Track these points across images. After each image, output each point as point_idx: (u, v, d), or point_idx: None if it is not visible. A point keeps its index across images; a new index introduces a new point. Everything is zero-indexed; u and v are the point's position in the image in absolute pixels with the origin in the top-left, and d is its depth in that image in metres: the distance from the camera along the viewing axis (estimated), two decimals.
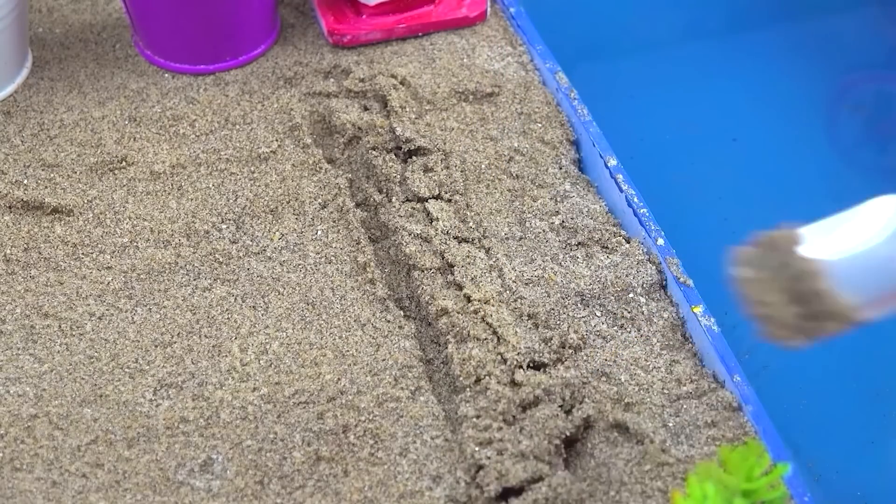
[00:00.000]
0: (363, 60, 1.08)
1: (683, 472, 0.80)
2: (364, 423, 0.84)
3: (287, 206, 0.97)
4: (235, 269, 0.93)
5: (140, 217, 0.96)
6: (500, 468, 0.80)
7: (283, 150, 1.01)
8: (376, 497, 0.80)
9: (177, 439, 0.83)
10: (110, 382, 0.86)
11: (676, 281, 0.90)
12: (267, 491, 0.80)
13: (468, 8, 1.11)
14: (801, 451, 0.88)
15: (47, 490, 0.81)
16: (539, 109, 1.04)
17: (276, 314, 0.90)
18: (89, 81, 1.07)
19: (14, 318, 0.90)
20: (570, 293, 0.90)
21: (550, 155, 1.01)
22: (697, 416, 0.84)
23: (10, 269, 0.93)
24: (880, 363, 0.96)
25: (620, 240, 0.94)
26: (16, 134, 1.02)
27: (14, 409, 0.85)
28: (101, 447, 0.83)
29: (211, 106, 1.05)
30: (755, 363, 0.95)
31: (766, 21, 1.23)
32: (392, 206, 0.97)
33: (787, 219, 1.07)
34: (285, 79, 1.07)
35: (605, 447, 0.83)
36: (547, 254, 0.94)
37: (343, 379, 0.86)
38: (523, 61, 1.08)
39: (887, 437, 0.91)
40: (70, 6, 1.13)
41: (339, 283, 0.92)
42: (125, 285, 0.92)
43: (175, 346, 0.88)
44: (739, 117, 1.14)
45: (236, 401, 0.85)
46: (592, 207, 0.97)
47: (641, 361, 0.87)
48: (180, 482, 0.81)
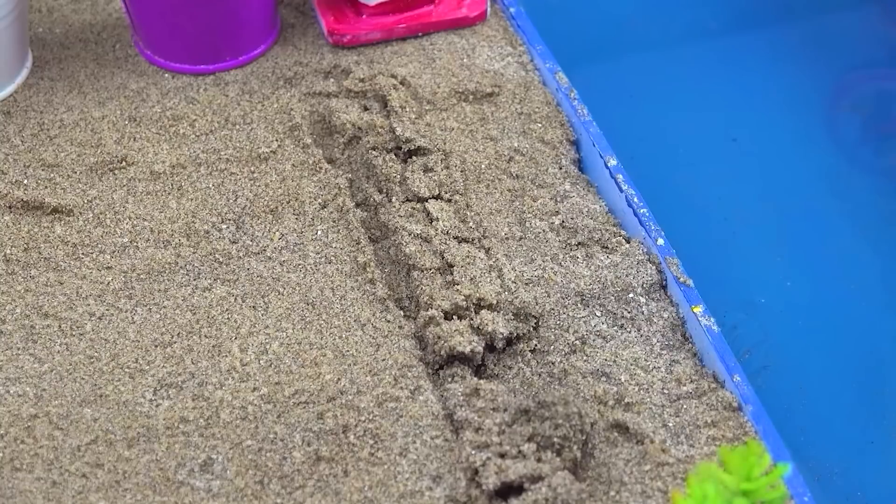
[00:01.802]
0: (363, 60, 1.08)
1: (683, 472, 0.80)
2: (364, 423, 0.84)
3: (287, 206, 0.97)
4: (235, 269, 0.93)
5: (140, 217, 0.96)
6: (500, 465, 0.80)
7: (283, 150, 1.01)
8: (376, 497, 0.80)
9: (177, 439, 0.83)
10: (110, 382, 0.86)
11: (676, 281, 0.90)
12: (267, 491, 0.80)
13: (468, 8, 1.11)
14: (801, 451, 0.88)
15: (47, 490, 0.81)
16: (539, 109, 1.04)
17: (276, 314, 0.90)
18: (89, 81, 1.07)
19: (14, 318, 0.90)
20: (570, 293, 0.90)
21: (550, 155, 1.01)
22: (697, 416, 0.84)
23: (10, 269, 0.93)
24: (880, 363, 0.96)
25: (620, 240, 0.94)
26: (16, 134, 1.02)
27: (14, 409, 0.85)
28: (101, 447, 0.83)
29: (211, 106, 1.05)
30: (755, 363, 0.95)
31: (766, 21, 1.23)
32: (392, 206, 0.97)
33: (787, 218, 1.07)
34: (285, 79, 1.07)
35: (605, 447, 0.83)
36: (547, 254, 0.94)
37: (343, 379, 0.86)
38: (523, 61, 1.08)
39: (887, 437, 0.91)
40: (70, 6, 1.13)
41: (339, 283, 0.92)
42: (125, 285, 0.92)
43: (175, 346, 0.88)
44: (739, 117, 1.14)
45: (236, 401, 0.85)
46: (592, 207, 0.97)
47: (641, 361, 0.87)
48: (180, 482, 0.81)
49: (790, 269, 1.02)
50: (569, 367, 0.86)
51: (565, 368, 0.86)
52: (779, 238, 1.04)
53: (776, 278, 1.01)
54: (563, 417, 0.81)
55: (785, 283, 1.01)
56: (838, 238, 1.04)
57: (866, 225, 1.06)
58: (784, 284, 1.01)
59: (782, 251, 1.03)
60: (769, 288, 1.00)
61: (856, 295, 1.00)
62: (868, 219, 1.06)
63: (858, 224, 1.06)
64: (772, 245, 1.03)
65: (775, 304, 0.99)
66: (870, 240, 1.05)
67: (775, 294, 1.00)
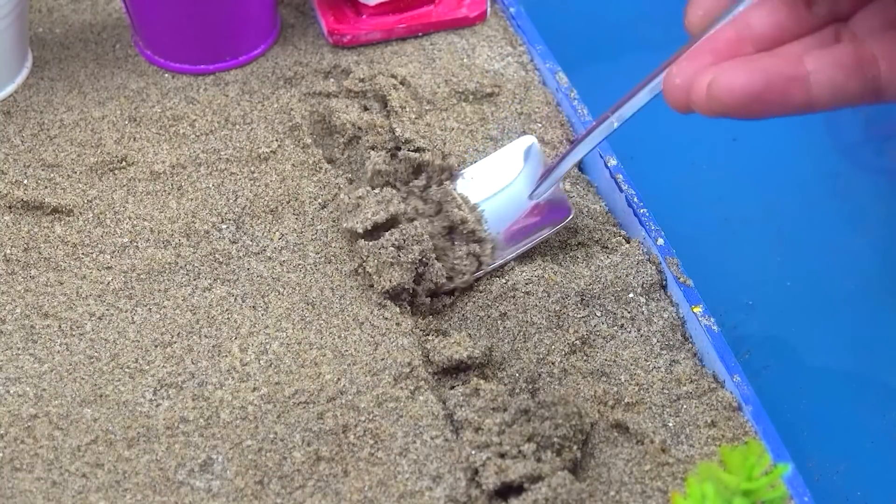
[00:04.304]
0: (363, 60, 1.08)
1: (683, 472, 0.81)
2: (364, 423, 0.84)
3: (287, 206, 0.97)
4: (235, 269, 0.93)
5: (140, 217, 0.96)
6: (500, 464, 0.80)
7: (283, 150, 1.01)
8: (376, 497, 0.80)
9: (177, 439, 0.83)
10: (110, 382, 0.86)
11: (676, 281, 0.90)
12: (267, 491, 0.80)
13: (468, 8, 1.11)
14: (801, 451, 0.88)
15: (47, 490, 0.81)
16: (539, 109, 1.04)
17: (276, 314, 0.90)
18: (89, 81, 1.07)
19: (14, 318, 0.90)
20: (570, 293, 0.90)
21: (550, 155, 1.01)
22: (697, 416, 0.84)
23: (10, 269, 0.93)
24: (881, 363, 0.96)
25: (620, 240, 0.94)
26: (16, 134, 1.02)
27: (14, 409, 0.85)
28: (101, 447, 0.83)
29: (211, 106, 1.05)
30: (755, 363, 0.95)
31: None
32: None
33: (787, 218, 1.07)
34: (285, 79, 1.07)
35: (605, 447, 0.83)
36: (547, 254, 0.94)
37: (343, 379, 0.86)
38: (523, 61, 1.08)
39: (887, 437, 0.91)
40: (70, 6, 1.13)
41: (339, 283, 0.92)
42: (125, 285, 0.92)
43: (175, 346, 0.88)
44: None
45: (236, 401, 0.85)
46: (592, 207, 0.97)
47: (641, 361, 0.87)
48: (180, 482, 0.81)
49: (790, 269, 1.02)
50: (569, 367, 0.86)
51: (565, 368, 0.86)
52: (779, 238, 1.04)
53: (776, 278, 1.01)
54: (563, 417, 0.81)
55: (785, 283, 1.01)
56: (838, 238, 1.04)
57: (866, 225, 1.06)
58: (784, 284, 1.01)
59: (782, 251, 1.03)
60: (769, 288, 1.00)
61: (856, 295, 1.00)
62: (868, 219, 1.06)
63: (858, 224, 1.06)
64: (772, 245, 1.03)
65: (775, 304, 0.99)
66: (870, 240, 1.05)
67: (775, 294, 1.00)
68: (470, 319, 0.91)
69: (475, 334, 0.89)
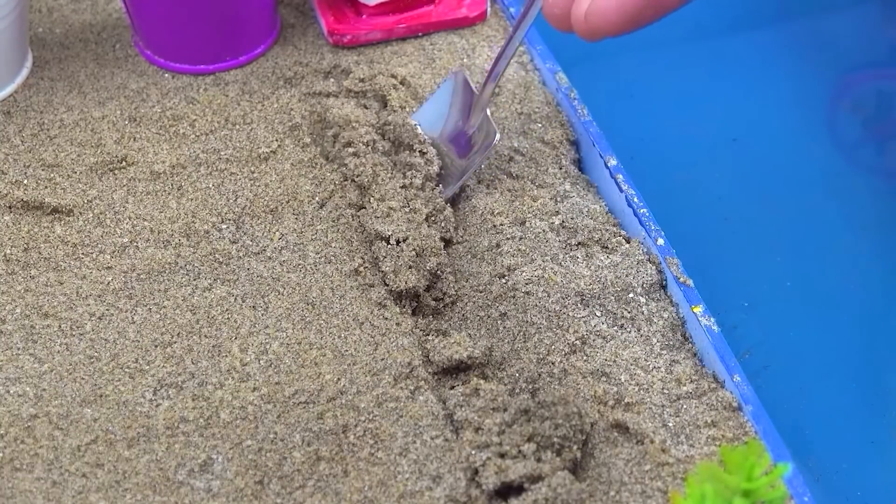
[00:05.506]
0: (363, 60, 1.08)
1: (683, 472, 0.80)
2: (364, 423, 0.84)
3: (287, 206, 0.97)
4: (235, 269, 0.93)
5: (140, 217, 0.96)
6: (500, 465, 0.80)
7: (283, 150, 1.01)
8: (376, 497, 0.80)
9: (177, 439, 0.83)
10: (110, 382, 0.86)
11: (676, 281, 0.90)
12: (267, 491, 0.80)
13: (468, 8, 1.11)
14: (801, 451, 0.88)
15: (47, 490, 0.81)
16: (539, 109, 1.04)
17: (276, 314, 0.90)
18: (89, 81, 1.07)
19: (14, 318, 0.90)
20: (570, 293, 0.90)
21: (550, 155, 1.01)
22: (697, 416, 0.84)
23: (10, 269, 0.93)
24: (881, 362, 0.96)
25: (620, 240, 0.94)
26: (16, 134, 1.02)
27: (14, 409, 0.85)
28: (101, 447, 0.83)
29: (211, 106, 1.05)
30: (755, 363, 0.95)
31: (766, 21, 1.23)
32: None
33: (787, 218, 1.07)
34: (285, 79, 1.07)
35: (605, 447, 0.83)
36: (547, 254, 0.94)
37: (343, 379, 0.86)
38: (523, 61, 1.08)
39: (887, 437, 0.91)
40: (70, 6, 1.13)
41: (339, 283, 0.92)
42: (125, 285, 0.92)
43: (175, 346, 0.88)
44: (739, 117, 1.14)
45: (236, 401, 0.85)
46: (592, 207, 0.97)
47: (641, 361, 0.87)
48: (180, 482, 0.81)
49: (790, 269, 1.02)
50: (569, 367, 0.86)
51: (565, 368, 0.86)
52: (779, 238, 1.04)
53: (776, 278, 1.01)
54: (563, 417, 0.81)
55: (785, 283, 1.01)
56: (838, 238, 1.04)
57: (866, 225, 1.06)
58: (784, 284, 1.01)
59: (782, 251, 1.03)
60: (769, 288, 1.00)
61: (856, 295, 1.00)
62: (868, 219, 1.06)
63: (858, 224, 1.06)
64: (772, 245, 1.03)
65: (775, 304, 0.99)
66: (870, 240, 1.05)
67: (775, 294, 1.00)
68: (470, 319, 0.91)
69: (475, 334, 0.89)
